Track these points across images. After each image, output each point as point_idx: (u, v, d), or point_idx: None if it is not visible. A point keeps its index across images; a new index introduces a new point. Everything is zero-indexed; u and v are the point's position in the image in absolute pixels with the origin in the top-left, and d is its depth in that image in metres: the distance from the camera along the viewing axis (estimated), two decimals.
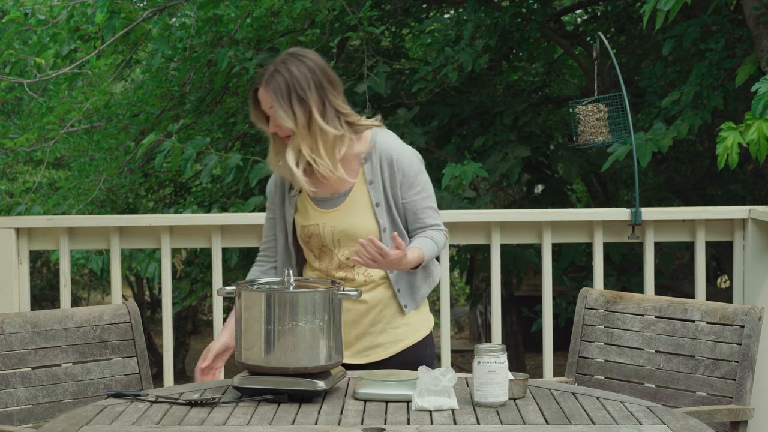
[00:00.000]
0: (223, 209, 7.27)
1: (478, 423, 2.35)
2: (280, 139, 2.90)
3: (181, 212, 7.32)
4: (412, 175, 2.90)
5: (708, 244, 4.37)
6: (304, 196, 2.95)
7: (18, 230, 4.16)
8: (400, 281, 2.93)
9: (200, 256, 8.46)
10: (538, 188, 9.88)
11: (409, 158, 2.91)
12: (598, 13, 8.95)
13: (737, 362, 2.98)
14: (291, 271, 2.64)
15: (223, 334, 2.95)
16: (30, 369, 2.99)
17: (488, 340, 16.11)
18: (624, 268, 7.78)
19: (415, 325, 2.97)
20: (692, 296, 4.29)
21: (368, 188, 2.89)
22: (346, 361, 2.84)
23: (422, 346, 2.98)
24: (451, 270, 10.09)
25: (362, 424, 2.34)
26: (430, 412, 2.44)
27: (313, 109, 2.80)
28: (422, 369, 2.48)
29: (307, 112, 2.80)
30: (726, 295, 6.13)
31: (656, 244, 4.27)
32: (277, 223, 3.03)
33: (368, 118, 2.97)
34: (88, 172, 8.73)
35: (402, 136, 6.85)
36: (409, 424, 2.35)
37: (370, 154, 2.89)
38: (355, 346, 2.94)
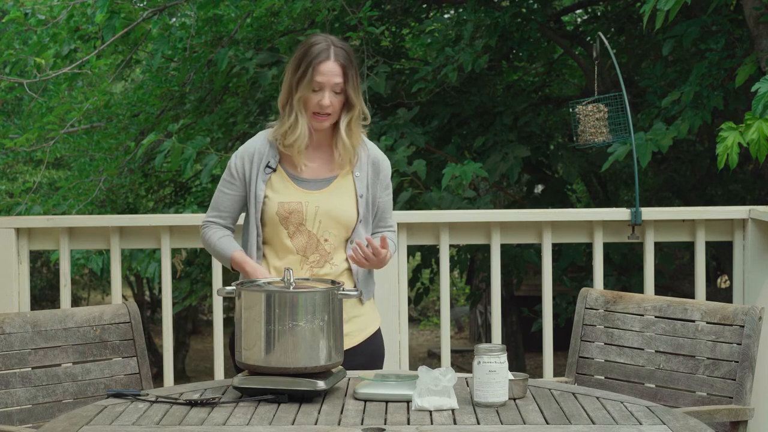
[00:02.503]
0: None
1: (478, 423, 2.35)
2: (306, 119, 2.99)
3: (181, 212, 7.32)
4: (388, 178, 3.13)
5: (708, 244, 4.37)
6: (280, 174, 3.03)
7: (18, 230, 4.16)
8: (360, 272, 3.06)
9: (200, 256, 8.46)
10: (538, 188, 9.88)
11: (388, 163, 3.15)
12: (598, 13, 8.94)
13: (737, 362, 2.98)
14: (291, 271, 2.65)
15: (250, 265, 2.98)
16: (30, 369, 2.99)
17: (488, 340, 16.10)
18: (624, 268, 7.77)
19: (371, 315, 3.12)
20: (692, 296, 4.29)
21: (354, 179, 3.04)
22: None
23: (379, 334, 3.15)
24: (451, 270, 10.09)
25: (362, 424, 2.34)
26: (430, 412, 2.44)
27: (360, 95, 3.02)
28: (422, 369, 2.48)
29: (360, 95, 3.01)
30: (726, 295, 6.13)
31: (656, 244, 4.27)
32: (239, 200, 3.07)
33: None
34: (88, 172, 8.73)
35: (402, 136, 6.89)
36: (409, 424, 2.35)
37: (359, 150, 3.06)
38: None
